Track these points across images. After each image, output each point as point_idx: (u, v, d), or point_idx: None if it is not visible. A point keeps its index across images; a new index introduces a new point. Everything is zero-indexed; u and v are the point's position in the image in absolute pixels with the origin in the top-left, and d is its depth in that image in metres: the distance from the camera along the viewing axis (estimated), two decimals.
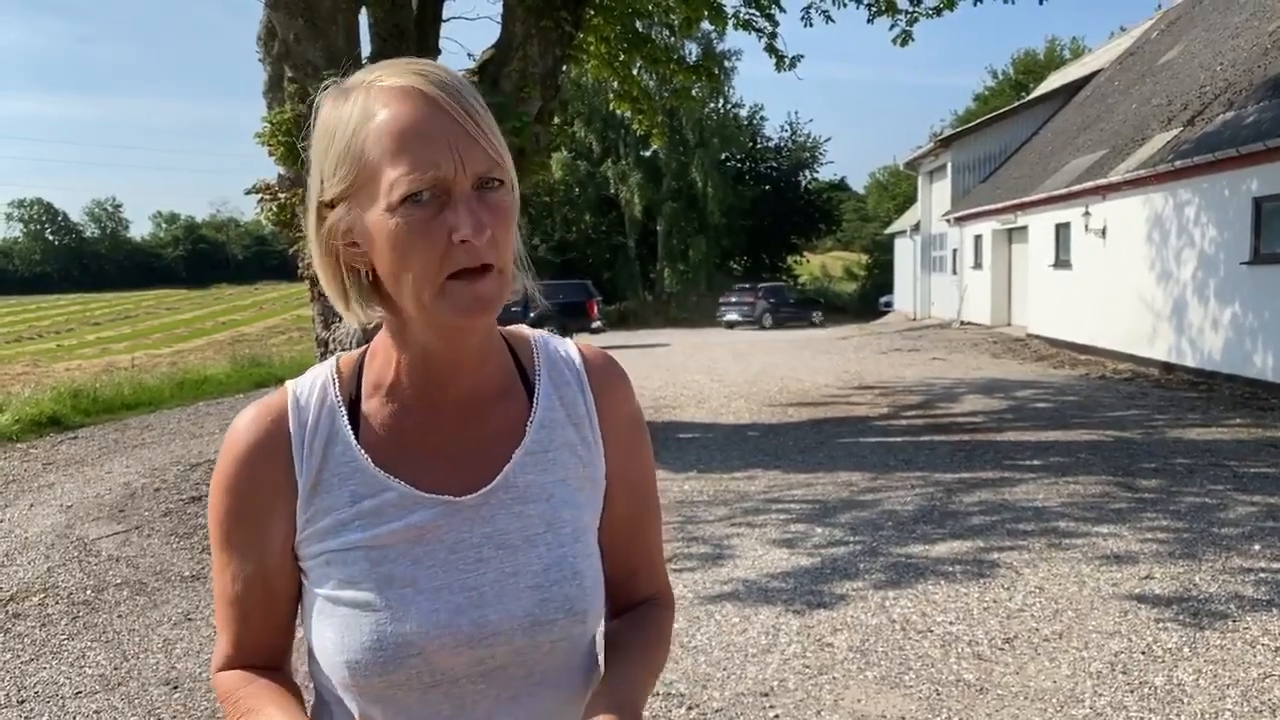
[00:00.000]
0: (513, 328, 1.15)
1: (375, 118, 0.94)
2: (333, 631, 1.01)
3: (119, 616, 5.16)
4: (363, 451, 1.03)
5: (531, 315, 22.87)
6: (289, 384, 1.08)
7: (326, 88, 1.02)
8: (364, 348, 1.09)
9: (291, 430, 1.04)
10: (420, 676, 1.00)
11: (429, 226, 0.92)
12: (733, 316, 32.12)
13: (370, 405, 1.06)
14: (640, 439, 1.16)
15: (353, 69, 1.07)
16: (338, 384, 1.07)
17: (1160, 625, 4.50)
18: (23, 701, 4.13)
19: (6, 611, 5.31)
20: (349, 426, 1.04)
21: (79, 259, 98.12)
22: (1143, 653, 4.20)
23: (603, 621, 1.14)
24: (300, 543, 1.04)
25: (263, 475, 1.03)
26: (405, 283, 0.95)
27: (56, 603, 5.42)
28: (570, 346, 1.16)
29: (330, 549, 1.02)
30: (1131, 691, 3.84)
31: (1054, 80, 33.04)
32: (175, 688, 4.21)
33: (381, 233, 0.94)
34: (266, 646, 1.09)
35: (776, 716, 3.75)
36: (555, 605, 1.03)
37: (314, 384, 1.07)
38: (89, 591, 5.59)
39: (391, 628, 0.99)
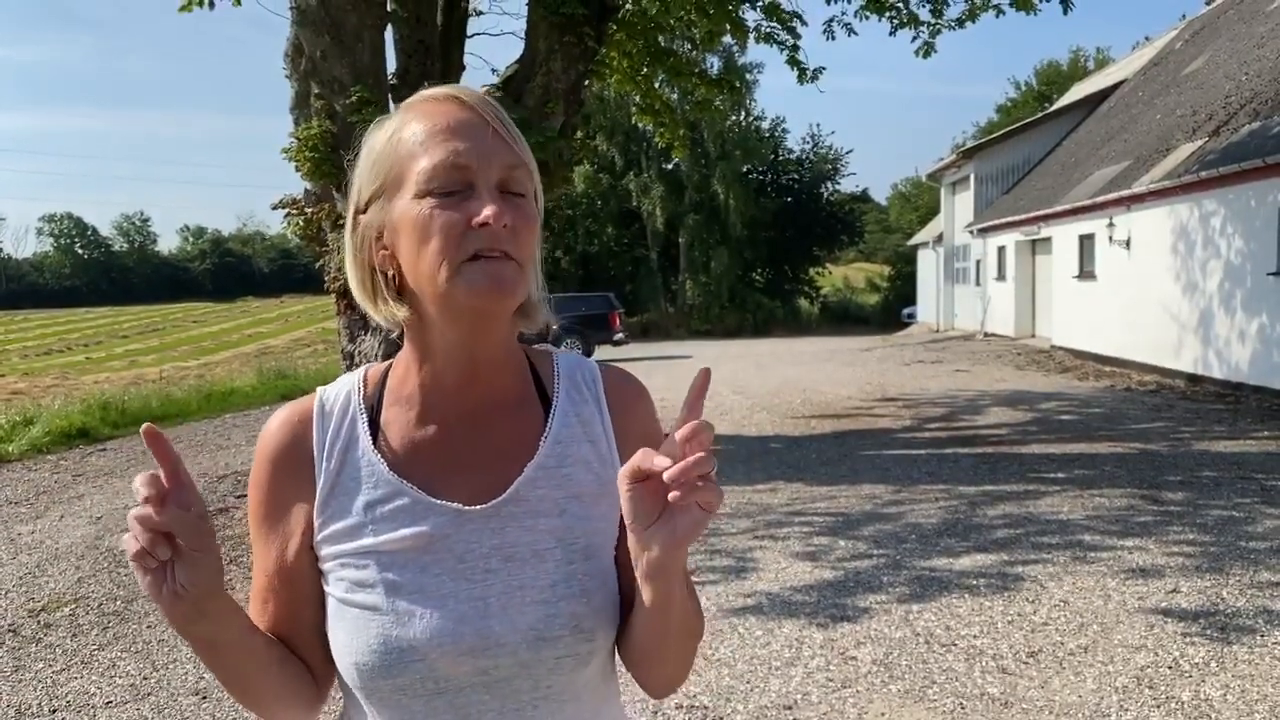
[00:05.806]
0: (537, 346, 1.17)
1: (411, 124, 1.03)
2: (343, 633, 1.04)
3: (148, 627, 5.22)
4: (379, 457, 1.06)
5: (554, 328, 22.90)
6: (319, 390, 1.12)
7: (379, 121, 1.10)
8: (390, 361, 1.13)
9: (314, 434, 1.08)
10: (424, 683, 1.01)
11: (451, 211, 0.98)
12: None
13: (390, 414, 1.09)
14: None
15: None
16: (362, 392, 1.11)
17: (1187, 640, 4.47)
18: (54, 711, 4.19)
19: (38, 621, 5.39)
20: (368, 433, 1.08)
21: (108, 272, 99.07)
22: (1169, 667, 4.18)
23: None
24: (318, 544, 1.06)
25: (283, 476, 1.08)
26: (425, 265, 0.99)
27: (87, 613, 5.50)
28: (592, 365, 1.16)
29: (344, 551, 1.05)
30: (1158, 706, 3.82)
31: (1078, 91, 32.93)
32: (204, 698, 4.25)
33: (407, 218, 1.00)
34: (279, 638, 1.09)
35: None
36: (561, 621, 1.03)
37: (340, 391, 1.11)
38: (119, 602, 5.67)
39: (396, 632, 1.01)
